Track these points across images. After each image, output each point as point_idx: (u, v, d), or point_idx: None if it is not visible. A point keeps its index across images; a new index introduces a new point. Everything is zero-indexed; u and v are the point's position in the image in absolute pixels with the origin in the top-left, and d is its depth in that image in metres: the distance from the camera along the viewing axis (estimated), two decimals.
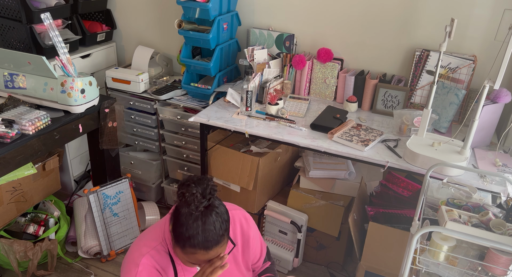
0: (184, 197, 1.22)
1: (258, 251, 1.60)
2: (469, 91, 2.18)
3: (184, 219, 1.25)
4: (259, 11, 2.61)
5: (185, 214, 1.25)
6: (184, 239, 1.25)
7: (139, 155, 2.86)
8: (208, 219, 1.24)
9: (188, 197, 1.22)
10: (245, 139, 2.48)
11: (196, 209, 1.23)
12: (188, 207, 1.23)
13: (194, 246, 1.24)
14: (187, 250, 1.26)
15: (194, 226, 1.23)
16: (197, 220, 1.24)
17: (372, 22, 2.36)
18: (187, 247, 1.25)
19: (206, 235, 1.24)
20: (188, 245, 1.25)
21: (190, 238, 1.24)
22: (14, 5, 2.36)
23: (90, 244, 2.43)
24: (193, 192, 1.22)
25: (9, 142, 1.91)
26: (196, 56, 2.67)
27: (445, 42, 1.75)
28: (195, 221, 1.24)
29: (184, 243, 1.26)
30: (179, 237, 1.26)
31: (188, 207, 1.23)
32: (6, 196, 2.21)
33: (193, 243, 1.24)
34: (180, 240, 1.26)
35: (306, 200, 2.35)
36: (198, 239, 1.23)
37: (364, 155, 1.92)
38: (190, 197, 1.22)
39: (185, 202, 1.22)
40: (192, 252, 1.26)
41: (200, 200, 1.23)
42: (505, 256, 1.27)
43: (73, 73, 2.14)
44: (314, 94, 2.53)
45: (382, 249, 2.09)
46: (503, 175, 1.55)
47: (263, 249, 1.63)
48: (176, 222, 1.27)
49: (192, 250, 1.25)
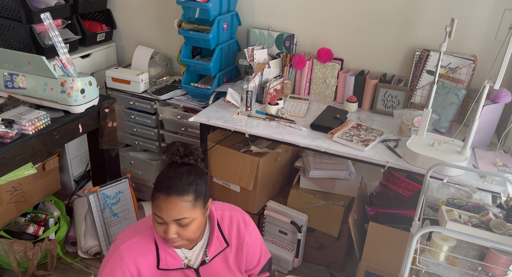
0: (166, 149, 1.33)
1: (256, 258, 1.57)
2: (469, 91, 2.18)
3: (161, 171, 1.34)
4: (259, 11, 2.61)
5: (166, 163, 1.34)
6: (154, 187, 1.31)
7: (139, 155, 2.86)
8: (180, 169, 1.32)
9: (169, 146, 1.32)
10: (245, 139, 2.48)
11: (173, 157, 1.32)
12: (167, 156, 1.33)
13: (157, 189, 1.30)
14: (153, 198, 1.31)
15: (165, 172, 1.31)
16: (169, 169, 1.32)
17: (372, 22, 2.36)
18: (154, 193, 1.31)
19: (170, 180, 1.29)
20: (154, 190, 1.31)
21: (156, 183, 1.31)
22: (14, 5, 2.36)
23: (90, 244, 2.43)
24: (175, 144, 1.33)
25: (9, 142, 1.91)
26: (196, 56, 2.67)
27: (445, 42, 1.75)
28: (168, 169, 1.32)
29: (153, 191, 1.31)
30: (153, 189, 1.33)
31: (167, 155, 1.32)
32: (6, 196, 2.21)
33: (157, 186, 1.30)
34: (152, 191, 1.32)
35: (306, 200, 2.35)
36: (163, 183, 1.29)
37: (364, 155, 1.92)
38: (170, 146, 1.33)
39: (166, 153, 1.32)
40: (156, 197, 1.30)
41: (179, 151, 1.32)
42: (505, 256, 1.27)
43: (73, 73, 2.14)
44: (314, 94, 2.53)
45: (382, 249, 2.09)
46: (503, 175, 1.55)
47: (262, 257, 1.59)
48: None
49: (156, 195, 1.30)
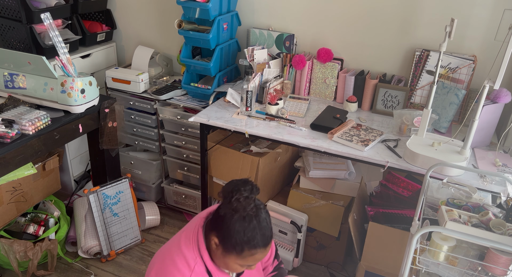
0: (237, 201, 1.25)
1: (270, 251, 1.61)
2: (469, 91, 2.18)
3: (238, 225, 1.26)
4: (259, 11, 2.61)
5: (238, 219, 1.26)
6: (243, 244, 1.26)
7: (139, 155, 2.86)
8: (260, 217, 1.27)
9: (243, 201, 1.24)
10: (245, 139, 2.48)
11: (251, 210, 1.26)
12: (243, 211, 1.25)
13: (254, 246, 1.27)
14: (245, 254, 1.28)
15: (251, 227, 1.26)
16: (252, 221, 1.26)
17: (372, 22, 2.36)
18: (246, 250, 1.27)
19: (263, 232, 1.27)
20: (248, 248, 1.27)
21: (250, 240, 1.26)
22: (14, 5, 2.36)
23: (90, 244, 2.43)
24: (246, 196, 1.25)
25: (9, 142, 1.91)
26: (196, 56, 2.67)
27: (445, 42, 1.75)
28: (251, 222, 1.26)
29: (242, 248, 1.27)
30: (235, 244, 1.27)
31: (244, 210, 1.25)
32: (6, 196, 2.21)
33: (253, 244, 1.26)
34: (236, 246, 1.27)
35: (306, 200, 2.35)
36: (258, 239, 1.26)
37: (364, 155, 1.92)
38: (244, 201, 1.25)
39: (239, 206, 1.25)
40: (251, 253, 1.28)
41: (252, 202, 1.26)
42: (505, 256, 1.27)
43: (73, 73, 2.14)
44: (314, 94, 2.53)
45: (382, 249, 2.09)
46: (503, 175, 1.55)
47: (272, 246, 1.63)
48: (226, 232, 1.27)
49: (252, 252, 1.27)
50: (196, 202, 2.76)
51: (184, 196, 2.80)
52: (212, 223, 1.34)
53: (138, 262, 2.50)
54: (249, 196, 1.25)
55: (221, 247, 1.30)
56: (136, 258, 2.52)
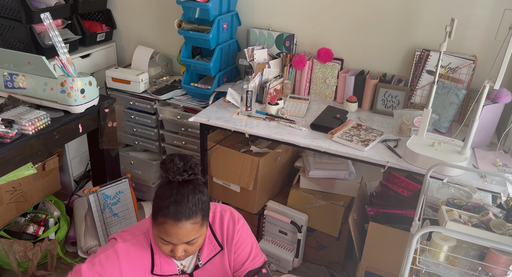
0: (164, 165, 1.26)
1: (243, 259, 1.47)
2: (469, 91, 2.18)
3: (160, 190, 1.27)
4: (259, 11, 2.61)
5: (163, 185, 1.27)
6: (157, 209, 1.26)
7: (139, 155, 2.86)
8: (183, 190, 1.26)
9: (168, 163, 1.25)
10: (245, 139, 2.48)
11: (174, 176, 1.25)
12: (166, 175, 1.26)
13: (164, 215, 1.24)
14: (158, 222, 1.26)
15: (167, 194, 1.25)
16: (172, 189, 1.25)
17: (372, 22, 2.36)
18: (159, 218, 1.26)
19: (178, 205, 1.24)
20: (160, 215, 1.25)
21: (162, 207, 1.25)
22: (14, 5, 2.36)
23: (90, 244, 2.43)
24: (174, 161, 1.25)
25: (9, 142, 1.91)
26: (196, 56, 2.67)
27: (445, 42, 1.75)
28: (170, 190, 1.25)
29: (156, 214, 1.26)
30: (154, 209, 1.27)
31: (167, 173, 1.26)
32: (6, 196, 2.21)
33: (164, 212, 1.24)
34: (154, 212, 1.27)
35: (306, 200, 2.35)
36: (169, 209, 1.24)
37: (364, 155, 1.92)
38: (169, 164, 1.25)
39: (165, 170, 1.26)
40: (162, 222, 1.25)
41: (179, 168, 1.25)
42: (505, 256, 1.27)
43: (73, 73, 2.14)
44: (314, 94, 2.53)
45: (382, 249, 2.09)
46: (503, 175, 1.55)
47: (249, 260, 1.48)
48: (154, 198, 1.29)
49: (162, 220, 1.25)
50: None
51: None
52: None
53: None
54: (177, 162, 1.25)
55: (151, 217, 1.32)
56: None
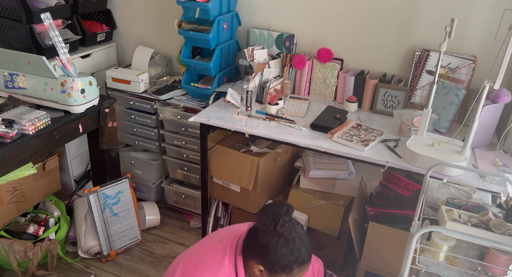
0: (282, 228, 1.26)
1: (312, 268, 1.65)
2: (469, 91, 2.18)
3: (285, 249, 1.28)
4: (259, 11, 2.61)
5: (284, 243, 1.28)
6: (291, 264, 1.28)
7: (139, 155, 2.86)
8: (300, 234, 1.30)
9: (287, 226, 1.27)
10: (245, 139, 2.48)
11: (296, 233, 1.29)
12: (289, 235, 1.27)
13: (302, 263, 1.30)
14: (294, 272, 1.30)
15: (296, 247, 1.28)
16: (295, 241, 1.29)
17: (372, 22, 2.36)
18: (295, 269, 1.29)
19: (307, 246, 1.30)
20: (296, 266, 1.29)
21: (297, 259, 1.28)
22: (14, 5, 2.36)
23: (90, 244, 2.43)
24: (288, 220, 1.28)
25: (9, 142, 1.91)
26: (196, 56, 2.67)
27: (445, 42, 1.75)
28: (295, 242, 1.29)
29: (291, 268, 1.29)
30: (284, 266, 1.28)
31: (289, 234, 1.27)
32: (6, 196, 2.21)
33: (301, 261, 1.29)
34: (285, 268, 1.29)
35: (306, 200, 2.35)
36: (304, 255, 1.29)
37: (364, 155, 1.92)
38: (288, 225, 1.28)
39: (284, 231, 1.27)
40: (300, 270, 1.31)
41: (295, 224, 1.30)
42: (505, 256, 1.27)
43: (73, 73, 2.14)
44: (314, 94, 2.53)
45: (382, 249, 2.09)
46: (503, 175, 1.55)
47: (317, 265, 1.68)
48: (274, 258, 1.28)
49: (301, 268, 1.30)
50: (196, 202, 2.76)
51: (184, 196, 2.80)
52: (250, 249, 1.35)
53: (138, 262, 2.50)
54: (290, 219, 1.29)
55: (267, 273, 1.32)
56: (136, 258, 2.52)
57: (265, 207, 1.32)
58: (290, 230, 1.27)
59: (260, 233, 1.30)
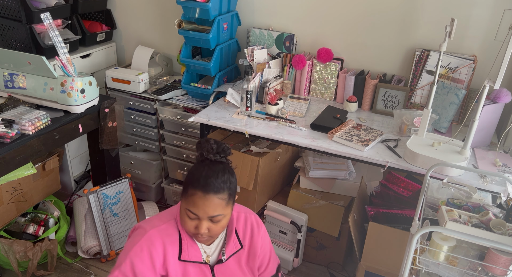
0: (200, 145, 1.36)
1: (265, 262, 1.59)
2: (469, 91, 2.18)
3: (193, 167, 1.36)
4: (259, 11, 2.61)
5: (196, 163, 1.37)
6: (188, 183, 1.34)
7: (139, 155, 2.86)
8: (215, 167, 1.34)
9: (203, 143, 1.36)
10: (245, 139, 2.48)
11: (207, 155, 1.34)
12: (201, 153, 1.35)
13: (194, 186, 1.32)
14: (188, 194, 1.33)
15: (200, 169, 1.33)
16: (204, 166, 1.34)
17: (372, 22, 2.36)
18: (189, 190, 1.33)
19: (208, 179, 1.31)
20: (190, 187, 1.32)
21: (193, 180, 1.32)
22: (14, 5, 2.36)
23: (90, 244, 2.43)
24: (209, 142, 1.35)
25: (9, 142, 1.91)
26: (196, 56, 2.67)
27: (445, 42, 1.75)
28: (203, 166, 1.34)
29: (187, 187, 1.34)
30: (185, 183, 1.35)
31: (201, 151, 1.34)
32: (6, 196, 2.21)
33: (195, 184, 1.32)
34: (184, 186, 1.35)
35: (306, 200, 2.35)
36: (200, 181, 1.31)
37: (364, 155, 1.92)
38: (204, 144, 1.35)
39: (200, 149, 1.35)
40: (192, 193, 1.32)
41: (213, 148, 1.35)
42: (505, 256, 1.27)
43: (73, 73, 2.14)
44: (314, 94, 2.53)
45: (382, 249, 2.09)
46: (503, 175, 1.55)
47: (271, 263, 1.61)
48: (187, 174, 1.36)
49: (192, 192, 1.32)
50: None
51: None
52: None
53: None
54: (211, 143, 1.35)
55: (181, 195, 1.38)
56: None
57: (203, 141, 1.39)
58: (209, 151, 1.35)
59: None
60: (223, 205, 1.34)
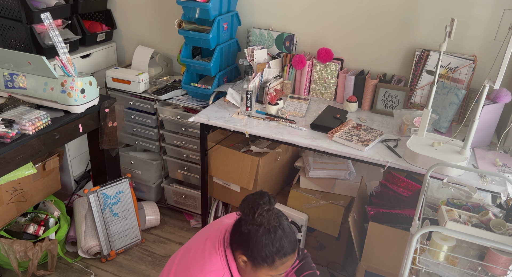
0: (260, 217, 1.26)
1: None
2: (469, 91, 2.18)
3: (265, 238, 1.28)
4: (259, 11, 2.61)
5: (264, 233, 1.28)
6: (273, 255, 1.28)
7: (139, 155, 2.86)
8: (283, 225, 1.30)
9: (265, 214, 1.26)
10: (245, 139, 2.48)
11: (275, 222, 1.29)
12: (268, 224, 1.27)
13: (285, 255, 1.29)
14: (277, 264, 1.29)
15: (278, 238, 1.28)
16: (277, 231, 1.29)
17: (372, 22, 2.36)
18: (277, 260, 1.29)
19: (289, 239, 1.29)
20: (278, 257, 1.29)
21: (279, 250, 1.28)
22: (14, 5, 2.36)
23: (90, 244, 2.43)
24: (267, 209, 1.27)
25: (9, 142, 1.91)
26: (196, 56, 2.67)
27: (445, 42, 1.75)
28: (276, 233, 1.28)
29: (273, 259, 1.29)
30: (266, 257, 1.29)
31: (268, 223, 1.27)
32: (6, 196, 2.21)
33: (283, 252, 1.28)
34: (267, 259, 1.29)
35: (306, 200, 2.35)
36: (286, 246, 1.28)
37: (364, 155, 1.92)
38: (267, 214, 1.27)
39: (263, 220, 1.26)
40: (282, 262, 1.30)
41: (275, 213, 1.29)
42: (505, 256, 1.27)
43: (73, 73, 2.14)
44: (314, 94, 2.53)
45: (382, 249, 2.09)
46: (503, 175, 1.55)
47: None
48: (254, 248, 1.29)
49: (283, 260, 1.29)
50: (196, 202, 2.76)
51: (184, 196, 2.80)
52: (235, 240, 1.35)
53: (138, 262, 2.50)
54: (270, 209, 1.28)
55: (250, 263, 1.32)
56: (136, 258, 2.52)
57: (246, 197, 1.32)
58: (270, 219, 1.27)
59: (242, 223, 1.32)
60: None
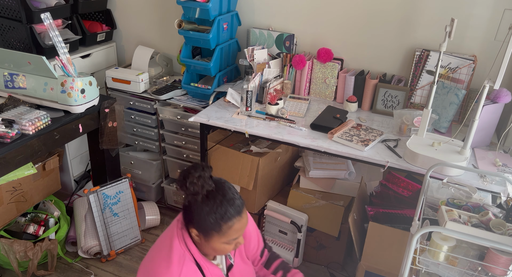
0: (192, 184, 1.24)
1: (256, 242, 1.59)
2: (469, 91, 2.18)
3: (205, 205, 1.26)
4: (259, 11, 2.61)
5: (203, 201, 1.26)
6: (217, 221, 1.26)
7: (139, 155, 2.86)
8: (223, 189, 1.28)
9: (197, 181, 1.24)
10: (245, 139, 2.48)
11: (210, 187, 1.26)
12: (202, 190, 1.25)
13: (230, 218, 1.26)
14: (223, 229, 1.27)
15: (218, 203, 1.26)
16: (216, 196, 1.26)
17: (372, 22, 2.36)
18: (223, 225, 1.27)
19: (232, 202, 1.27)
20: (224, 222, 1.26)
21: (223, 215, 1.26)
22: (14, 5, 2.36)
23: (90, 244, 2.43)
24: (198, 175, 1.24)
25: (9, 142, 1.91)
26: (196, 56, 2.67)
27: (445, 42, 1.75)
28: (216, 198, 1.26)
29: (219, 225, 1.27)
30: (211, 224, 1.27)
31: (203, 189, 1.25)
32: (6, 196, 2.21)
33: (227, 216, 1.26)
34: (213, 226, 1.27)
35: (306, 200, 2.35)
36: (229, 210, 1.26)
37: (364, 155, 1.92)
38: (199, 181, 1.24)
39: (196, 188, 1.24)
40: (229, 226, 1.27)
41: (207, 179, 1.26)
42: (505, 256, 1.27)
43: (73, 73, 2.14)
44: (314, 94, 2.53)
45: (382, 249, 2.09)
46: (503, 175, 1.55)
47: (259, 238, 1.61)
48: (197, 218, 1.28)
49: (230, 224, 1.27)
50: None
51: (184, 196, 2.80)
52: (184, 217, 1.35)
53: (138, 262, 2.50)
54: (201, 175, 1.25)
55: (202, 235, 1.31)
56: (136, 258, 2.52)
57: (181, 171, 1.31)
58: (203, 186, 1.25)
59: (184, 197, 1.31)
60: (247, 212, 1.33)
